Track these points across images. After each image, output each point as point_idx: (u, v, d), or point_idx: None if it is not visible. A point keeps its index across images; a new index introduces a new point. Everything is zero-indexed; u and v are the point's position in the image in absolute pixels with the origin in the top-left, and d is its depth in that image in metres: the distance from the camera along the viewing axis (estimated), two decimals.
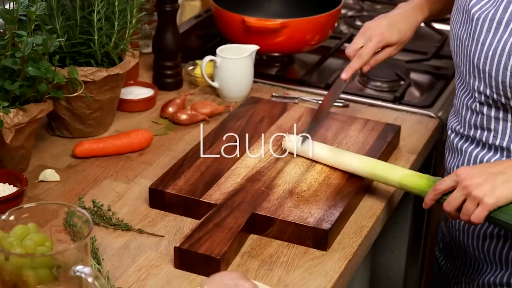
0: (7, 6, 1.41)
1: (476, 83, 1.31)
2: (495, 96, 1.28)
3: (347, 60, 1.71)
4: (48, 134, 1.60)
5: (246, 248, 1.28)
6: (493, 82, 1.27)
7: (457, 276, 1.49)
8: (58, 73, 1.43)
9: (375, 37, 1.50)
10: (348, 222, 1.35)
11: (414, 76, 1.89)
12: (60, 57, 1.50)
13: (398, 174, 1.34)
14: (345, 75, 1.50)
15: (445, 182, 1.24)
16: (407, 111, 1.72)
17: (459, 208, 1.22)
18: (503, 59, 1.24)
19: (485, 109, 1.32)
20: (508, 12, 1.25)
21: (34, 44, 1.35)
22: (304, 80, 1.84)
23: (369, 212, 1.37)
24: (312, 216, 1.30)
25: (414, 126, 1.66)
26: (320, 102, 1.73)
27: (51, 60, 1.42)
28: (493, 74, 1.26)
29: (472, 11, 1.29)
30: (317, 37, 1.88)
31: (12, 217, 1.10)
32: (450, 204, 1.23)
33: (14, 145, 1.41)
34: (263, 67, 1.90)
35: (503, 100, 1.27)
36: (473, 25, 1.29)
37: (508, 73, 1.24)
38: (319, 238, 1.27)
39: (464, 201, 1.21)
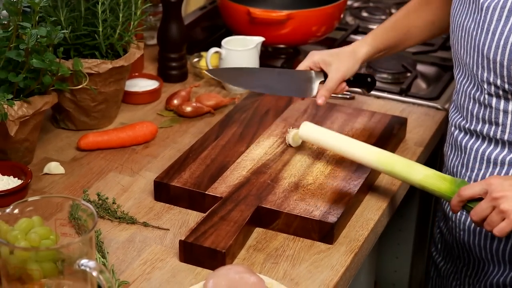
0: None
1: (485, 74, 1.29)
2: (506, 86, 1.26)
3: None
4: (52, 126, 1.60)
5: (252, 241, 1.28)
6: (505, 72, 1.25)
7: (459, 278, 1.48)
8: (62, 65, 1.42)
9: (314, 52, 1.50)
10: (354, 216, 1.34)
11: (420, 67, 1.88)
12: (65, 49, 1.49)
13: (419, 174, 1.28)
14: (320, 101, 1.47)
15: (473, 189, 1.21)
16: (413, 103, 1.71)
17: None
18: None
19: (494, 102, 1.30)
20: None
21: (39, 36, 1.34)
22: None
23: (375, 205, 1.37)
24: (318, 209, 1.29)
25: (421, 119, 1.65)
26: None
27: (55, 52, 1.41)
28: (505, 63, 1.24)
29: (481, 1, 1.28)
30: (323, 29, 1.87)
31: (16, 210, 1.09)
32: (477, 214, 1.20)
33: (19, 138, 1.40)
34: (268, 59, 1.89)
35: None
36: (482, 14, 1.27)
37: None
38: (325, 232, 1.27)
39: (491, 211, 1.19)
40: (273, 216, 1.29)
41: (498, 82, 1.27)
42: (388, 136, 1.51)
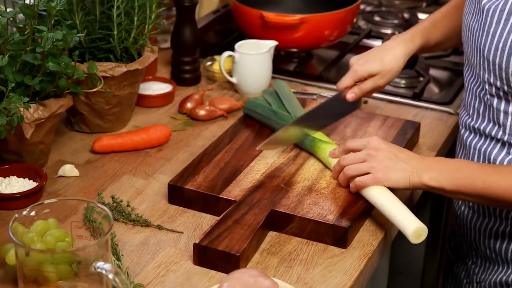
0: (27, 1, 1.41)
1: (486, 75, 1.29)
2: (505, 88, 1.26)
3: None
4: (67, 129, 1.61)
5: (265, 245, 1.28)
6: (504, 74, 1.25)
7: (468, 275, 1.48)
8: (77, 69, 1.43)
9: (356, 65, 1.48)
10: (368, 220, 1.34)
11: (433, 72, 1.88)
12: (80, 52, 1.50)
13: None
14: (349, 96, 1.48)
15: (356, 142, 1.33)
16: (426, 108, 1.71)
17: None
18: None
19: (495, 102, 1.30)
20: None
21: (54, 39, 1.35)
22: (323, 76, 1.83)
23: None
24: (332, 213, 1.29)
25: (434, 123, 1.65)
26: None
27: (70, 56, 1.42)
28: (504, 66, 1.24)
29: (483, 2, 1.28)
30: (335, 33, 1.87)
31: (33, 213, 1.10)
32: (348, 158, 1.31)
33: (34, 140, 1.41)
34: (281, 63, 1.89)
35: None
36: (484, 16, 1.28)
37: None
38: (338, 236, 1.27)
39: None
40: (287, 220, 1.30)
41: (498, 83, 1.27)
42: (402, 140, 1.51)
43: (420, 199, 1.53)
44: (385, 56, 1.46)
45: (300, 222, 1.29)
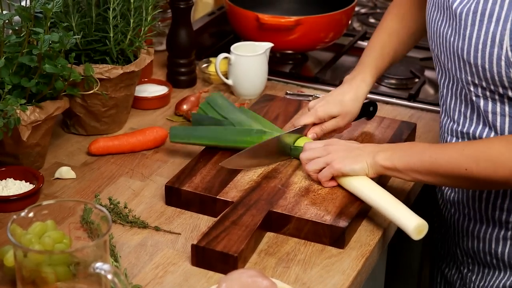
0: (23, 3, 1.41)
1: (469, 77, 1.29)
2: (492, 87, 1.26)
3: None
4: (63, 131, 1.60)
5: (263, 246, 1.28)
6: (488, 74, 1.25)
7: (464, 284, 1.47)
8: (74, 71, 1.43)
9: (317, 106, 1.48)
10: (365, 220, 1.34)
11: (428, 73, 1.89)
12: (76, 54, 1.50)
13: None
14: (310, 136, 1.47)
15: (317, 142, 1.39)
16: (422, 109, 1.72)
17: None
18: (495, 50, 1.22)
19: (482, 103, 1.30)
20: (489, 2, 1.23)
21: (51, 42, 1.35)
22: (318, 77, 1.83)
23: None
24: (329, 214, 1.29)
25: (430, 124, 1.66)
26: None
27: (67, 58, 1.42)
28: (487, 66, 1.24)
29: (454, 7, 1.28)
30: (331, 35, 1.87)
31: (31, 214, 1.10)
32: (308, 154, 1.36)
33: (31, 142, 1.41)
34: (276, 65, 1.90)
35: (500, 90, 1.25)
36: (457, 21, 1.28)
37: (503, 63, 1.22)
38: (336, 236, 1.27)
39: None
40: (284, 220, 1.30)
41: (484, 84, 1.27)
42: (398, 141, 1.51)
43: (418, 206, 1.53)
44: (344, 98, 1.48)
45: (298, 223, 1.29)
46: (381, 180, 1.39)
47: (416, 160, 1.26)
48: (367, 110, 1.56)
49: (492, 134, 1.30)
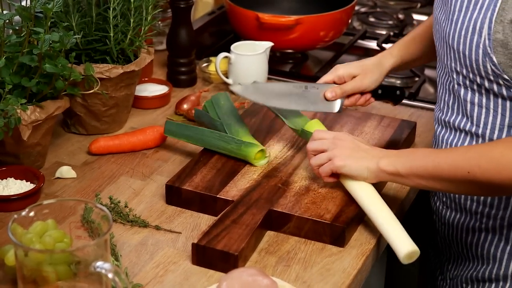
0: (23, 3, 1.41)
1: (453, 64, 1.31)
2: (471, 75, 1.27)
3: (361, 57, 1.71)
4: (63, 131, 1.61)
5: (263, 244, 1.28)
6: (468, 61, 1.26)
7: (442, 272, 1.49)
8: (74, 70, 1.43)
9: (338, 66, 1.51)
10: (366, 219, 1.34)
11: (428, 72, 1.89)
12: (76, 54, 1.50)
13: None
14: (329, 95, 1.49)
15: (325, 133, 1.36)
16: (422, 108, 1.72)
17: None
18: (475, 37, 1.24)
19: (462, 92, 1.31)
20: None
21: (51, 41, 1.35)
22: (318, 76, 1.82)
23: None
24: (329, 213, 1.30)
25: (430, 123, 1.66)
26: None
27: (67, 57, 1.42)
28: (467, 53, 1.26)
29: None
30: (331, 34, 1.88)
31: (32, 213, 1.10)
32: (316, 145, 1.34)
33: (31, 142, 1.41)
34: (276, 64, 1.90)
35: (478, 80, 1.26)
36: (449, 6, 1.30)
37: (480, 51, 1.23)
38: (336, 235, 1.27)
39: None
40: (285, 219, 1.30)
41: (464, 71, 1.28)
42: (398, 140, 1.51)
43: (418, 197, 1.53)
44: (366, 62, 1.51)
45: (298, 222, 1.29)
46: (377, 185, 1.39)
47: (419, 165, 1.24)
48: (394, 93, 1.54)
49: (469, 124, 1.32)
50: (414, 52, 1.54)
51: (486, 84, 1.25)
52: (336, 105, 1.48)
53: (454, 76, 1.32)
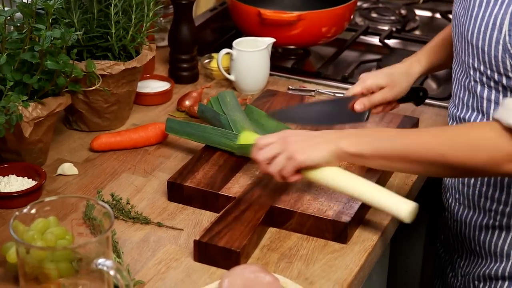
0: (25, 0, 1.41)
1: (471, 60, 1.30)
2: (489, 72, 1.27)
3: (363, 52, 1.70)
4: (65, 128, 1.61)
5: (266, 241, 1.28)
6: (486, 58, 1.26)
7: (453, 269, 1.48)
8: (76, 67, 1.43)
9: (365, 77, 1.49)
10: (368, 215, 1.34)
11: None
12: (78, 50, 1.50)
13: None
14: (358, 107, 1.47)
15: (269, 138, 1.29)
16: (424, 103, 1.71)
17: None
18: (495, 33, 1.23)
19: (478, 89, 1.30)
20: None
21: (53, 38, 1.35)
22: (320, 72, 1.83)
23: None
24: (332, 209, 1.29)
25: (432, 119, 1.66)
26: (337, 95, 1.73)
27: (69, 54, 1.42)
28: (486, 49, 1.25)
29: None
30: (333, 30, 1.87)
31: (33, 210, 1.10)
32: (264, 153, 1.27)
33: (33, 139, 1.41)
34: (278, 60, 1.89)
35: (496, 76, 1.26)
36: (468, 1, 1.29)
37: (500, 47, 1.22)
38: (338, 231, 1.27)
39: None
40: (287, 216, 1.30)
41: (482, 68, 1.28)
42: None
43: (419, 202, 1.53)
44: (394, 71, 1.49)
45: (300, 218, 1.29)
46: (382, 177, 1.39)
47: (386, 146, 1.23)
48: (417, 94, 1.54)
49: (484, 120, 1.31)
50: (441, 57, 1.53)
51: (504, 81, 1.25)
52: (365, 115, 1.48)
53: (471, 73, 1.31)
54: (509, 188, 1.31)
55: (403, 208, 1.23)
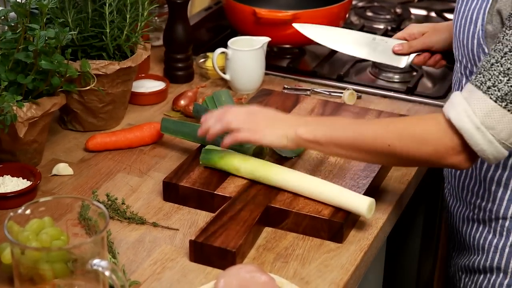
0: (19, 0, 1.40)
1: (457, 53, 1.34)
2: (469, 65, 1.29)
3: None
4: (60, 128, 1.60)
5: (261, 241, 1.28)
6: (466, 51, 1.29)
7: (448, 260, 1.52)
8: (70, 67, 1.42)
9: (411, 25, 1.57)
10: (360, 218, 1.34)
11: (426, 67, 1.88)
12: (72, 50, 1.49)
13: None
14: (396, 48, 1.53)
15: (237, 108, 1.32)
16: (420, 102, 1.72)
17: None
18: (471, 27, 1.26)
19: (464, 82, 1.33)
20: None
21: (47, 38, 1.34)
22: (316, 71, 1.83)
23: (383, 204, 1.37)
24: (327, 209, 1.29)
25: None
26: (332, 94, 1.73)
27: (63, 54, 1.41)
28: (465, 42, 1.28)
29: None
30: None
31: (28, 211, 1.09)
32: (229, 114, 1.30)
33: (28, 139, 1.41)
34: (274, 59, 1.89)
35: (474, 69, 1.28)
36: None
37: (475, 41, 1.25)
38: (334, 231, 1.27)
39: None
40: (282, 215, 1.30)
41: (464, 60, 1.31)
42: None
43: (415, 201, 1.53)
44: (440, 23, 1.56)
45: (296, 218, 1.29)
46: (376, 179, 1.39)
47: (340, 135, 1.25)
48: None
49: None
50: None
51: None
52: (403, 61, 1.51)
53: (458, 65, 1.35)
54: (485, 182, 1.33)
55: (361, 205, 1.25)
